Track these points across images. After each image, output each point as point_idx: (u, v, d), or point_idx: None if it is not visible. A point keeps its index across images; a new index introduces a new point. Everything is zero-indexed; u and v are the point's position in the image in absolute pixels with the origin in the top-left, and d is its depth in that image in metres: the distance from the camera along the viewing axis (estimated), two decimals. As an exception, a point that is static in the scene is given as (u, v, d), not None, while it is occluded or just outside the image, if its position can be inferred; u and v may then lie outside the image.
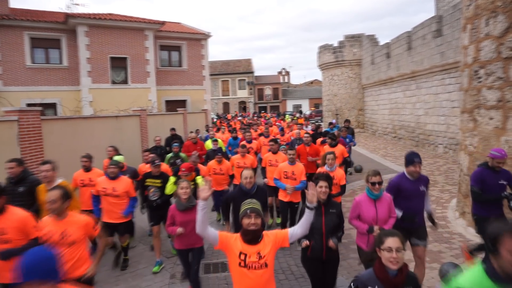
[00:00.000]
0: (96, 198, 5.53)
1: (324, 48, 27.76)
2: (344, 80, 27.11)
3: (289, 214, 6.30)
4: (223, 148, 10.78)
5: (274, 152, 7.24)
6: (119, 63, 17.33)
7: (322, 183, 3.78)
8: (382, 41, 23.37)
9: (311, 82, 65.28)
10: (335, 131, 9.92)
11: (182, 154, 8.42)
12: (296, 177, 6.14)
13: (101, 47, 16.73)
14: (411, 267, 5.17)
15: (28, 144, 6.56)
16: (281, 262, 5.59)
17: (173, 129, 12.07)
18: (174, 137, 11.32)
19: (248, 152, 8.43)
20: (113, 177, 5.37)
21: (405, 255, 2.31)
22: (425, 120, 16.57)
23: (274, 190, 6.89)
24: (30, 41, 16.07)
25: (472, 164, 6.27)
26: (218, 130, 14.25)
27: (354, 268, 5.29)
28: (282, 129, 13.41)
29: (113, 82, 17.23)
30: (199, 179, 5.87)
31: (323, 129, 13.18)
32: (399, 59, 19.15)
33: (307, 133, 8.69)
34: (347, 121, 13.08)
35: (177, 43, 19.87)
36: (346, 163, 9.04)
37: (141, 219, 7.35)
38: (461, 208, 6.87)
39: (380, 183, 3.88)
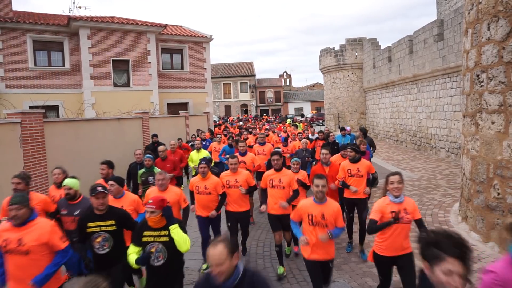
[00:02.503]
0: None
1: (325, 52, 27.82)
2: (345, 83, 27.14)
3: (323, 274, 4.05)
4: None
5: (278, 170, 5.44)
6: (121, 66, 17.40)
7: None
8: (383, 45, 23.49)
9: (313, 86, 65.34)
10: (357, 141, 8.16)
11: (157, 169, 6.45)
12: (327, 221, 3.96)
13: (103, 49, 16.80)
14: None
15: (31, 146, 6.58)
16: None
17: (155, 136, 10.48)
18: (156, 146, 9.16)
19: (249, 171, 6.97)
20: (19, 224, 3.20)
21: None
22: (427, 124, 16.56)
23: (280, 221, 5.32)
24: (33, 43, 16.16)
25: (475, 168, 6.26)
26: (212, 134, 13.03)
27: (356, 272, 5.28)
28: (285, 139, 10.89)
29: (115, 85, 17.29)
30: (174, 230, 3.44)
31: (334, 137, 10.72)
32: (400, 63, 19.17)
33: (325, 147, 6.49)
34: (363, 130, 10.81)
35: (179, 46, 19.94)
36: (372, 181, 6.68)
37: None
38: (463, 213, 6.86)
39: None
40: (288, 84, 61.09)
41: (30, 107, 14.23)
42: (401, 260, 3.78)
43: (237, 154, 7.32)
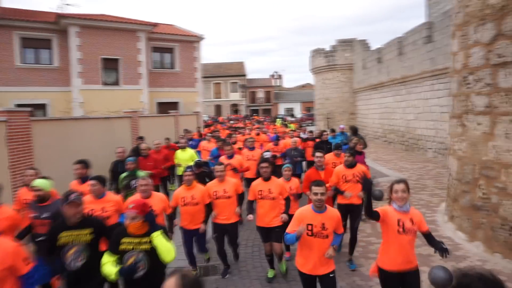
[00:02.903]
0: None
1: (316, 52, 27.96)
2: (336, 84, 27.32)
3: None
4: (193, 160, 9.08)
5: (266, 179, 5.05)
6: (110, 64, 17.22)
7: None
8: (374, 46, 23.64)
9: (303, 86, 65.61)
10: (352, 142, 7.71)
11: (140, 173, 6.13)
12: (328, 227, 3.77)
13: (93, 48, 16.60)
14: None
15: (17, 145, 6.47)
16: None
17: (140, 139, 10.10)
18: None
19: (236, 171, 6.90)
20: None
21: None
22: (415, 124, 16.77)
23: (266, 233, 5.08)
24: (20, 41, 15.87)
25: (461, 168, 6.37)
26: (200, 136, 12.47)
27: (344, 271, 5.32)
28: (277, 138, 10.29)
29: (105, 84, 17.10)
30: (156, 237, 3.17)
31: (328, 137, 10.18)
32: (390, 64, 19.37)
33: (318, 150, 6.27)
34: (354, 128, 10.44)
35: (169, 45, 19.82)
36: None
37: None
38: (450, 212, 6.97)
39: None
40: (278, 84, 61.21)
41: (17, 105, 14.00)
42: (409, 276, 3.46)
43: (223, 157, 7.19)
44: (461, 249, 5.86)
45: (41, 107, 15.94)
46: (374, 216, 3.52)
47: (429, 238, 3.52)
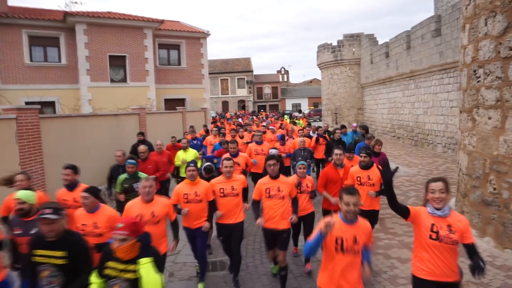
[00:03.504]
0: None
1: (323, 47, 27.77)
2: (343, 79, 27.13)
3: None
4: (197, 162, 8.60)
5: (274, 177, 4.64)
6: (118, 62, 17.30)
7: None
8: (381, 41, 23.40)
9: (310, 81, 65.34)
10: (372, 141, 7.24)
11: (143, 174, 5.74)
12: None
13: (100, 45, 16.69)
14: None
15: (27, 142, 6.55)
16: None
17: (140, 134, 9.45)
18: (142, 143, 8.37)
19: (244, 173, 6.61)
20: None
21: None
22: (424, 119, 16.59)
23: (273, 236, 4.64)
24: (29, 39, 16.02)
25: (471, 163, 6.29)
26: (207, 132, 12.38)
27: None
28: (282, 137, 9.51)
29: (112, 81, 17.21)
30: (143, 266, 2.73)
31: (340, 134, 9.49)
32: (398, 59, 19.16)
33: (338, 147, 5.80)
34: (363, 127, 9.97)
35: (176, 42, 19.84)
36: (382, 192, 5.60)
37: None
38: (459, 208, 6.89)
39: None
40: (285, 80, 61.08)
41: (26, 103, 14.15)
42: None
43: (227, 155, 6.60)
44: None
45: (50, 104, 16.09)
46: (402, 210, 3.15)
47: (471, 251, 2.99)
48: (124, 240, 2.70)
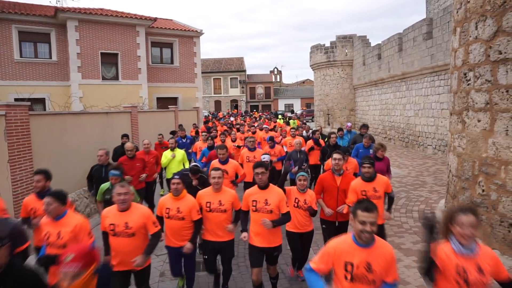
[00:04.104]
0: None
1: (316, 48, 27.87)
2: (335, 80, 27.25)
3: None
4: (184, 163, 8.12)
5: (263, 187, 4.12)
6: (109, 59, 17.16)
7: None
8: (374, 42, 23.56)
9: (303, 82, 65.52)
10: (374, 147, 6.66)
11: (128, 178, 5.44)
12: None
13: (92, 42, 16.53)
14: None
15: (16, 139, 6.45)
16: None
17: (125, 136, 8.89)
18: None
19: (234, 183, 6.08)
20: None
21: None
22: (415, 121, 16.76)
23: (260, 254, 4.14)
24: (19, 34, 15.80)
25: (461, 165, 6.37)
26: (197, 133, 11.71)
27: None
28: (271, 139, 8.68)
29: (104, 78, 17.06)
30: None
31: (336, 139, 8.57)
32: (390, 61, 19.32)
33: (338, 151, 5.04)
34: (365, 126, 9.15)
35: (169, 40, 19.74)
36: (390, 202, 5.25)
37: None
38: (448, 209, 6.98)
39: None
40: (278, 80, 61.13)
41: (16, 100, 13.95)
42: None
43: (216, 161, 6.22)
44: (459, 245, 5.87)
45: (40, 101, 15.90)
46: (431, 277, 2.52)
47: (508, 286, 2.46)
48: (76, 275, 2.08)
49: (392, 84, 19.52)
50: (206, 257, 4.48)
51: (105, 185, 5.30)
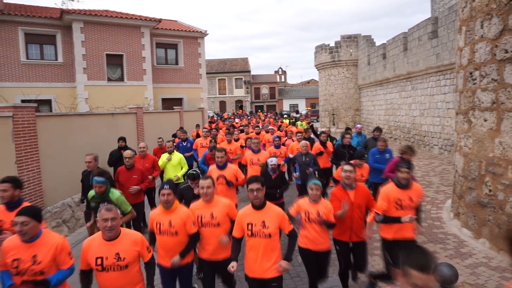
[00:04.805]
0: None
1: (320, 48, 27.81)
2: (340, 80, 27.18)
3: None
4: (182, 167, 7.53)
5: (258, 207, 3.50)
6: (115, 60, 17.26)
7: None
8: (378, 42, 23.48)
9: (308, 82, 65.44)
10: (400, 149, 6.06)
11: (115, 193, 4.68)
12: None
13: (97, 43, 16.64)
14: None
15: (23, 140, 6.51)
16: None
17: (121, 139, 8.23)
18: (124, 150, 7.16)
19: (230, 184, 5.44)
20: None
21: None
22: (421, 121, 16.66)
23: (258, 287, 3.54)
24: (25, 36, 15.95)
25: (467, 165, 6.33)
26: (198, 136, 11.15)
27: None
28: (278, 138, 8.41)
29: (109, 79, 17.16)
30: None
31: (350, 139, 7.92)
32: (395, 60, 19.23)
33: (348, 163, 4.47)
34: (378, 129, 8.53)
35: (173, 41, 19.82)
36: (418, 214, 4.48)
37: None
38: (455, 209, 6.93)
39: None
40: (283, 80, 61.10)
41: (22, 101, 14.08)
42: None
43: (213, 166, 5.65)
44: (466, 246, 5.83)
45: (47, 102, 16.03)
46: None
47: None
48: None
49: (397, 84, 19.43)
50: (201, 275, 4.04)
51: (91, 192, 4.85)
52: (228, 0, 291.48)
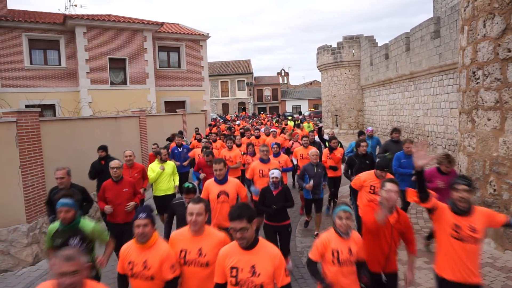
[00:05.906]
0: None
1: (323, 49, 27.80)
2: (343, 81, 27.15)
3: None
4: (174, 176, 6.89)
5: (247, 247, 2.59)
6: (118, 64, 17.36)
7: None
8: (381, 42, 23.42)
9: (310, 83, 65.42)
10: (437, 158, 5.27)
11: (87, 224, 3.56)
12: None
13: (100, 48, 16.75)
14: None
15: (27, 145, 6.55)
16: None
17: (102, 149, 7.09)
18: (104, 164, 6.51)
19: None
20: None
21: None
22: (424, 121, 16.60)
23: None
24: (28, 42, 16.09)
25: (471, 165, 6.29)
26: (199, 140, 10.40)
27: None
28: (278, 145, 7.38)
29: (112, 83, 17.25)
30: None
31: (366, 148, 6.76)
32: (397, 60, 19.19)
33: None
34: (397, 130, 7.77)
35: (176, 44, 19.90)
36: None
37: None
38: (459, 209, 6.88)
39: None
40: (285, 81, 61.15)
41: (26, 106, 14.17)
42: None
43: (211, 181, 4.71)
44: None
45: (50, 107, 16.14)
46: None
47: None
48: None
49: (400, 84, 19.37)
50: None
51: (53, 226, 3.58)
52: (230, 3, 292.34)
